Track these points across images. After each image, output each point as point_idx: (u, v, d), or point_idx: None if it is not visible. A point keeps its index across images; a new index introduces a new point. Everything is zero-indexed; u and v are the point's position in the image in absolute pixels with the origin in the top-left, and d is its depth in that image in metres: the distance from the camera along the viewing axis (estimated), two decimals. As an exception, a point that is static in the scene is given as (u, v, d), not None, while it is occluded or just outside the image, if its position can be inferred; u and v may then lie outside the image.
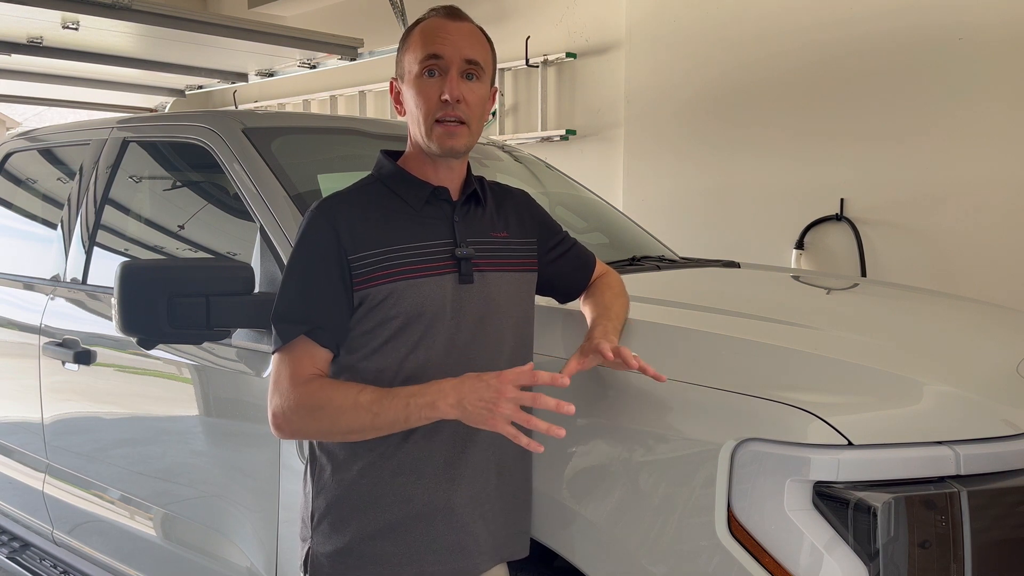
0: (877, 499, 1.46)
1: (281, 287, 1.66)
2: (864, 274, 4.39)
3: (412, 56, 1.67)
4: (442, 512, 1.66)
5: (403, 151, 1.77)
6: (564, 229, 1.97)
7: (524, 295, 1.79)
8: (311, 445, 1.74)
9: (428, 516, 1.66)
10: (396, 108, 1.75)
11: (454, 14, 1.70)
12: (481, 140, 3.57)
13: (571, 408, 1.45)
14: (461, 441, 1.67)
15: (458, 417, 1.50)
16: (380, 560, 1.66)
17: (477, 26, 1.73)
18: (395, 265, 1.63)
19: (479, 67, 1.67)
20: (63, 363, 2.91)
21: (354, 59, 4.73)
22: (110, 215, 2.99)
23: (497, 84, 1.82)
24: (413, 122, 1.68)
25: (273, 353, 1.65)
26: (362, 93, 7.10)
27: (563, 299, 1.98)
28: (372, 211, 1.68)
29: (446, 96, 1.62)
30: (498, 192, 1.86)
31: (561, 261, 1.91)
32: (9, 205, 3.67)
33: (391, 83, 1.76)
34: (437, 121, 1.63)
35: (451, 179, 1.73)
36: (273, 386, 1.63)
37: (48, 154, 3.56)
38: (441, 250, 1.67)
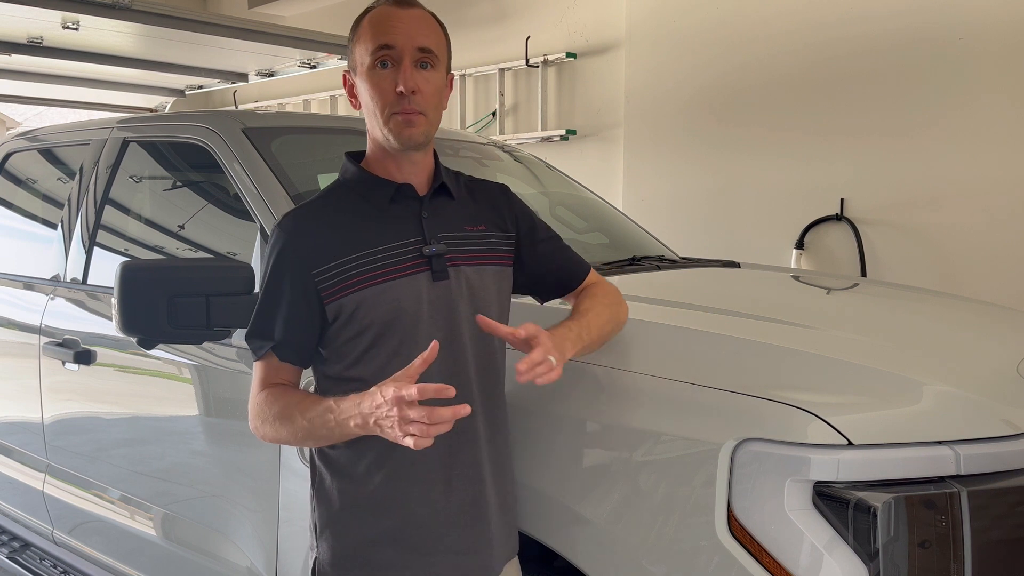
0: (877, 499, 1.46)
1: (257, 302, 1.68)
2: (864, 274, 4.39)
3: (363, 47, 1.62)
4: (442, 515, 1.64)
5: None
6: (554, 231, 1.90)
7: (504, 289, 1.75)
8: (311, 454, 1.73)
9: (429, 520, 1.63)
10: (351, 102, 1.70)
11: (403, 1, 1.63)
12: (481, 140, 3.57)
13: (467, 409, 1.40)
14: (457, 442, 1.63)
15: (372, 434, 1.48)
16: (384, 567, 1.64)
17: (428, 11, 1.66)
18: (359, 273, 1.59)
19: (432, 55, 1.61)
20: (63, 363, 2.91)
21: (354, 59, 4.72)
22: (110, 215, 2.99)
23: (454, 72, 1.76)
24: (370, 116, 1.64)
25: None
26: (362, 93, 7.09)
27: (542, 298, 1.91)
28: (335, 218, 1.64)
29: (401, 88, 1.57)
30: (475, 186, 1.80)
31: (542, 259, 1.83)
32: (9, 205, 3.67)
33: (344, 76, 1.72)
34: (394, 113, 1.59)
35: (416, 173, 1.68)
36: (250, 392, 1.69)
37: (48, 154, 3.56)
38: (409, 249, 1.62)
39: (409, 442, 1.39)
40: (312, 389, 1.73)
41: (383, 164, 1.68)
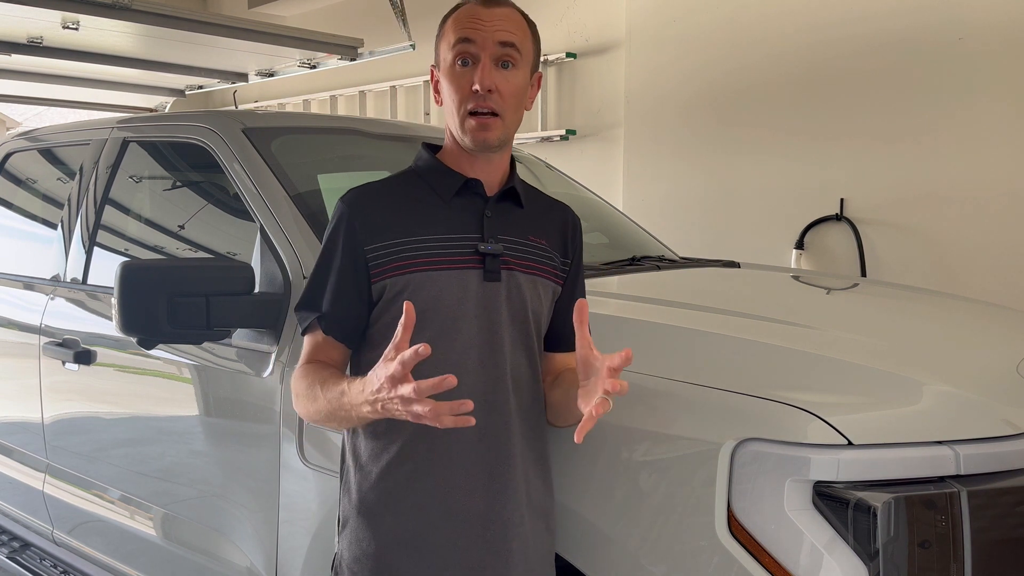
0: (877, 499, 1.46)
1: (309, 276, 1.67)
2: (864, 274, 4.39)
3: (446, 44, 1.60)
4: (463, 524, 1.55)
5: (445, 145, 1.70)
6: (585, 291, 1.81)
7: (551, 305, 1.70)
8: (342, 445, 1.70)
9: (448, 528, 1.55)
10: (435, 98, 1.68)
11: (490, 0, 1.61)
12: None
13: (453, 380, 1.30)
14: (485, 446, 1.56)
15: (388, 417, 1.42)
16: (395, 574, 1.57)
17: (517, 9, 1.64)
18: (412, 256, 1.57)
19: (515, 51, 1.58)
20: (63, 363, 2.91)
21: (354, 59, 4.73)
22: (110, 215, 2.99)
23: (541, 70, 1.71)
24: (448, 113, 1.62)
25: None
26: (362, 93, 7.10)
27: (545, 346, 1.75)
28: (397, 201, 1.63)
29: (476, 86, 1.55)
30: (547, 203, 1.78)
31: (566, 307, 1.67)
32: (9, 205, 3.67)
33: (431, 71, 1.68)
34: (470, 113, 1.57)
35: (489, 172, 1.65)
36: None
37: (48, 154, 3.56)
38: (466, 244, 1.59)
39: (427, 421, 1.31)
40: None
41: (457, 159, 1.65)
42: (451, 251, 1.58)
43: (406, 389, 1.31)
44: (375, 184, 1.68)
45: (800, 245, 4.62)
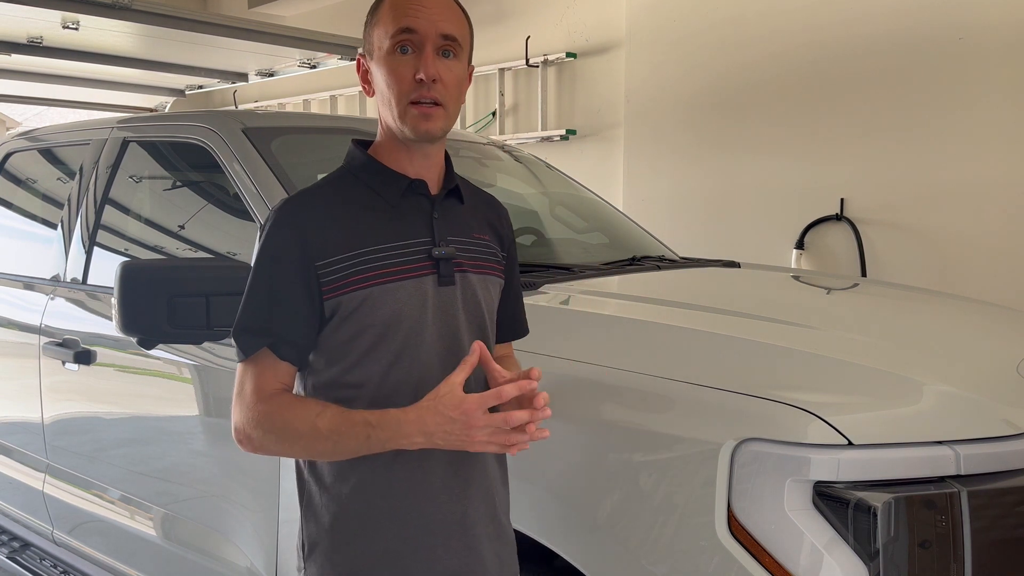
0: (877, 499, 1.46)
1: (244, 295, 1.53)
2: (864, 274, 4.39)
3: (382, 31, 1.50)
4: (444, 532, 1.52)
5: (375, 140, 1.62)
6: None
7: (496, 302, 1.67)
8: (298, 467, 1.60)
9: (428, 538, 1.51)
10: (363, 88, 1.58)
11: None
12: (481, 140, 3.57)
13: (545, 433, 1.37)
14: (457, 455, 1.52)
15: (430, 447, 1.41)
16: None
17: None
18: (369, 269, 1.48)
19: (456, 43, 1.51)
20: (63, 363, 2.91)
21: (354, 59, 4.73)
22: (110, 215, 2.99)
23: (474, 63, 1.66)
24: (384, 104, 1.52)
25: (239, 364, 1.55)
26: (362, 93, 7.09)
27: None
28: (342, 208, 1.53)
29: (421, 75, 1.46)
30: (480, 195, 1.73)
31: (504, 298, 1.69)
32: (9, 205, 3.67)
33: (358, 60, 1.59)
34: (411, 103, 1.48)
35: (428, 168, 1.57)
36: (236, 398, 1.53)
37: (48, 154, 3.57)
38: (419, 250, 1.52)
39: (513, 449, 1.40)
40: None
41: (394, 155, 1.56)
42: (405, 259, 1.51)
43: (524, 415, 1.37)
44: (312, 191, 1.57)
45: (800, 245, 4.62)
